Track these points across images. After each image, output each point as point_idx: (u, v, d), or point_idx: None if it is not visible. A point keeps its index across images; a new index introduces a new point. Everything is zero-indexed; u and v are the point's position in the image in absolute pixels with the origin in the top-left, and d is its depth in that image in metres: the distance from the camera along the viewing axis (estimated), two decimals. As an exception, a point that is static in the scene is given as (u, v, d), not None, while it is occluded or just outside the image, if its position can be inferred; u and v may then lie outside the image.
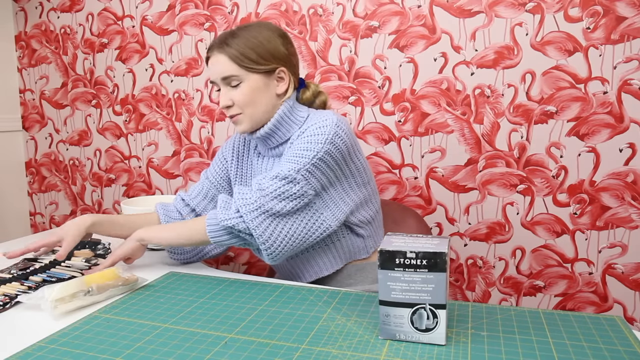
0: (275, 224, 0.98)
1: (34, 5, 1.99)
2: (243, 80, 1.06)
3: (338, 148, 1.03)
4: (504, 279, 1.55)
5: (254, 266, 1.84)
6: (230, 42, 1.06)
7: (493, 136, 1.49)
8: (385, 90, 1.57)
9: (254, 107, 1.08)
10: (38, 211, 2.13)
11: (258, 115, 1.09)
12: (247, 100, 1.07)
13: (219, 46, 1.07)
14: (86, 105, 1.97)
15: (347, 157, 1.07)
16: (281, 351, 0.70)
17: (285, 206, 0.99)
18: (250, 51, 1.05)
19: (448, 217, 1.57)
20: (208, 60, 1.10)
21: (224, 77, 1.07)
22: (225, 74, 1.06)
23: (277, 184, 0.99)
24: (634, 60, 1.35)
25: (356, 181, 1.11)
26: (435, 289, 0.70)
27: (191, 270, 1.10)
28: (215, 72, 1.08)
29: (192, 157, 1.84)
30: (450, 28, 1.49)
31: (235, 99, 1.07)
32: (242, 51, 1.05)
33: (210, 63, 1.09)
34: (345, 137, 1.04)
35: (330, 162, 1.02)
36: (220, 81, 1.08)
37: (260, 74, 1.07)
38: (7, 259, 1.17)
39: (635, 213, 1.40)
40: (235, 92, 1.07)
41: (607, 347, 0.70)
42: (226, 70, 1.06)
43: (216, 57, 1.07)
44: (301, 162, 1.00)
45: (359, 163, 1.11)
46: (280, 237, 0.99)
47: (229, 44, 1.06)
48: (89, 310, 0.86)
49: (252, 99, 1.07)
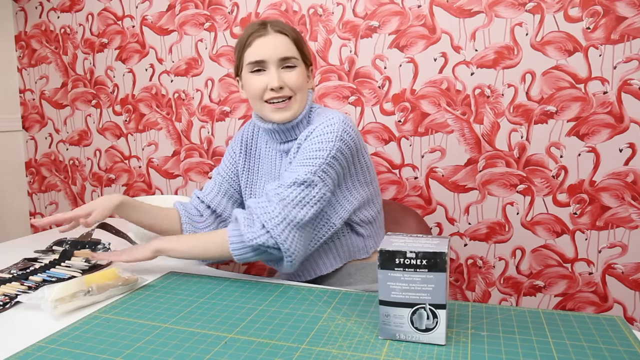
0: (300, 234, 0.97)
1: (34, 5, 1.99)
2: (297, 65, 1.07)
3: (347, 144, 1.04)
4: (504, 279, 1.55)
5: (254, 266, 1.84)
6: (283, 27, 1.07)
7: (493, 136, 1.49)
8: (385, 90, 1.57)
9: (302, 94, 1.08)
10: (38, 211, 2.13)
11: (303, 102, 1.09)
12: (300, 85, 1.06)
13: (277, 26, 1.06)
14: (86, 105, 1.97)
15: (354, 154, 1.07)
16: (281, 351, 0.70)
17: (307, 212, 0.97)
18: (302, 41, 1.10)
19: (448, 217, 1.57)
20: (254, 40, 1.05)
21: (284, 57, 1.05)
22: (287, 54, 1.05)
23: (297, 191, 0.98)
24: (634, 60, 1.35)
25: (359, 180, 1.11)
26: (435, 289, 0.70)
27: (191, 270, 1.10)
28: (274, 50, 1.04)
29: (192, 157, 1.84)
30: (450, 28, 1.49)
31: (288, 82, 1.05)
32: (299, 38, 1.08)
33: (264, 42, 1.04)
34: (353, 133, 1.05)
35: (341, 159, 1.03)
36: (275, 61, 1.04)
37: (305, 65, 1.10)
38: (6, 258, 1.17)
39: (635, 213, 1.40)
40: (289, 74, 1.06)
41: (607, 347, 0.70)
42: (288, 51, 1.05)
43: (275, 37, 1.05)
44: (316, 163, 1.00)
45: (364, 161, 1.12)
46: (300, 245, 0.98)
47: (284, 28, 1.07)
48: (89, 310, 0.86)
49: (302, 84, 1.08)
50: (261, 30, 1.05)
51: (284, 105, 1.06)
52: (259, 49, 1.05)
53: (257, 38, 1.05)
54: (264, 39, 1.05)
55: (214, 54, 1.75)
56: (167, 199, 1.47)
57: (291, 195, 0.97)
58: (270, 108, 1.07)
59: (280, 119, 1.07)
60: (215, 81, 1.76)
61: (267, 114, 1.08)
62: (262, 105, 1.08)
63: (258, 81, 1.06)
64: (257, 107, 1.10)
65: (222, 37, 1.73)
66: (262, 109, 1.09)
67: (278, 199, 0.97)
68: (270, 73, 1.05)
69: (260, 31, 1.05)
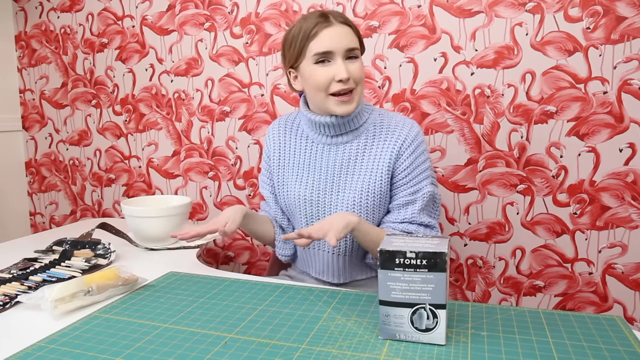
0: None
1: (34, 5, 1.99)
2: (359, 56, 1.07)
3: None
4: (504, 279, 1.55)
5: (254, 266, 1.84)
6: (347, 18, 1.07)
7: (493, 136, 1.49)
8: (385, 90, 1.57)
9: (362, 85, 1.08)
10: (38, 211, 2.13)
11: (362, 93, 1.10)
12: (362, 76, 1.07)
13: (340, 18, 1.06)
14: (86, 105, 1.97)
15: None
16: (281, 351, 0.70)
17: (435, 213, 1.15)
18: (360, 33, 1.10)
19: (448, 217, 1.57)
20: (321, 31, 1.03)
21: (351, 47, 1.04)
22: (353, 46, 1.05)
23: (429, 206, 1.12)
24: (634, 60, 1.35)
25: None
26: (435, 289, 0.70)
27: (191, 270, 1.10)
28: (341, 41, 1.03)
29: (192, 157, 1.84)
30: (450, 28, 1.49)
31: (353, 73, 1.04)
32: (358, 30, 1.09)
33: (330, 32, 1.03)
34: None
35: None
36: (342, 52, 1.03)
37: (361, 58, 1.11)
38: (6, 258, 1.17)
39: (635, 213, 1.40)
40: (354, 66, 1.05)
41: (607, 347, 0.70)
42: (353, 41, 1.05)
43: (342, 28, 1.04)
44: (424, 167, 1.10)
45: None
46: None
47: (348, 19, 1.07)
48: (89, 310, 0.86)
49: (363, 75, 1.08)
50: (325, 21, 1.03)
51: (348, 98, 1.05)
52: (326, 39, 1.03)
53: (323, 28, 1.03)
54: (331, 29, 1.03)
55: (214, 54, 1.75)
56: (167, 199, 1.47)
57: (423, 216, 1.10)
58: (335, 101, 1.05)
59: (345, 111, 1.05)
60: (215, 81, 1.76)
61: (330, 106, 1.06)
62: (326, 98, 1.05)
63: (324, 72, 1.03)
64: (319, 99, 1.06)
65: (222, 37, 1.73)
66: (325, 102, 1.06)
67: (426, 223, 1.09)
68: (336, 64, 1.03)
69: (325, 22, 1.03)
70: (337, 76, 1.02)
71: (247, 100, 1.73)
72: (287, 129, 1.20)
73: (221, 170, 1.80)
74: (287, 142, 1.19)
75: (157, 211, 1.29)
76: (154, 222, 1.28)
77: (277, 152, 1.20)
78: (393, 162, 1.07)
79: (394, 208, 1.09)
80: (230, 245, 1.85)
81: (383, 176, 1.07)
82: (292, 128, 1.19)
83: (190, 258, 1.22)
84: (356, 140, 1.10)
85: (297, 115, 1.21)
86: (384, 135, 1.09)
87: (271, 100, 1.70)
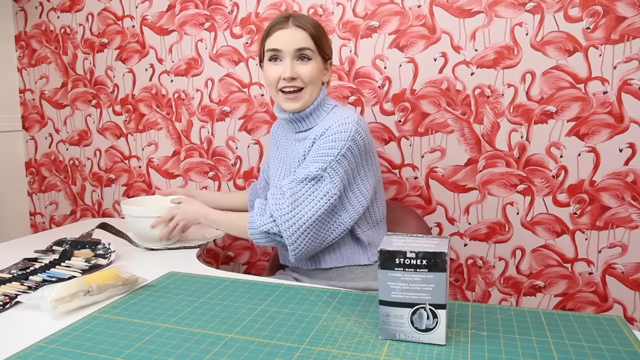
0: (307, 229, 1.05)
1: (34, 5, 1.99)
2: (312, 58, 1.12)
3: (358, 145, 1.09)
4: (504, 279, 1.55)
5: (254, 266, 1.84)
6: (304, 20, 1.11)
7: (493, 136, 1.49)
8: (385, 90, 1.57)
9: (313, 86, 1.14)
10: (38, 211, 2.13)
11: (313, 95, 1.15)
12: (312, 78, 1.12)
13: (297, 22, 1.11)
14: (86, 105, 1.97)
15: (364, 155, 1.12)
16: (281, 351, 0.70)
17: (317, 210, 1.05)
18: (322, 36, 1.14)
19: (448, 217, 1.57)
20: (277, 31, 1.12)
21: (300, 47, 1.11)
22: (301, 45, 1.11)
23: (307, 186, 1.06)
24: (634, 60, 1.35)
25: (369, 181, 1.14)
26: (435, 289, 0.70)
27: (191, 270, 1.10)
28: (290, 42, 1.11)
29: (192, 157, 1.84)
30: (450, 28, 1.49)
31: (302, 74, 1.12)
32: (318, 33, 1.13)
33: (283, 33, 1.12)
34: (364, 134, 1.10)
35: (350, 158, 1.08)
36: (291, 52, 1.11)
37: (321, 59, 1.15)
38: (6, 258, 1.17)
39: (635, 213, 1.40)
40: (303, 67, 1.12)
41: (607, 347, 0.70)
42: (304, 42, 1.11)
43: (292, 30, 1.11)
44: (326, 160, 1.06)
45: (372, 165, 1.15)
46: (306, 241, 1.06)
47: (305, 22, 1.11)
48: (89, 310, 0.86)
49: (315, 77, 1.13)
50: (283, 23, 1.12)
51: (294, 96, 1.13)
52: (277, 39, 1.12)
53: (277, 30, 1.12)
54: (283, 31, 1.12)
55: (214, 54, 1.75)
56: (167, 199, 1.47)
57: (302, 190, 1.06)
58: (282, 97, 1.15)
59: (290, 108, 1.15)
60: (215, 81, 1.76)
61: (280, 102, 1.16)
62: (277, 93, 1.16)
63: (274, 69, 1.13)
64: (273, 94, 1.17)
65: (222, 37, 1.73)
66: (276, 97, 1.17)
67: (290, 193, 1.06)
68: (284, 63, 1.12)
69: (281, 24, 1.12)
70: (282, 74, 1.11)
71: (247, 100, 1.73)
72: (281, 126, 1.33)
73: (221, 171, 1.80)
74: (278, 137, 1.32)
75: (157, 211, 1.29)
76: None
77: (278, 150, 1.30)
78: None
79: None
80: (230, 245, 1.85)
81: None
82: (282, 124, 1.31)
83: (190, 258, 1.22)
84: (310, 137, 1.16)
85: None
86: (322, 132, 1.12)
87: (271, 100, 1.70)
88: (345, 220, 1.11)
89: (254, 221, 1.10)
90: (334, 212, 1.09)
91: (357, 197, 1.12)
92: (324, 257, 1.17)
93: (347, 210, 1.11)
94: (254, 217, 1.11)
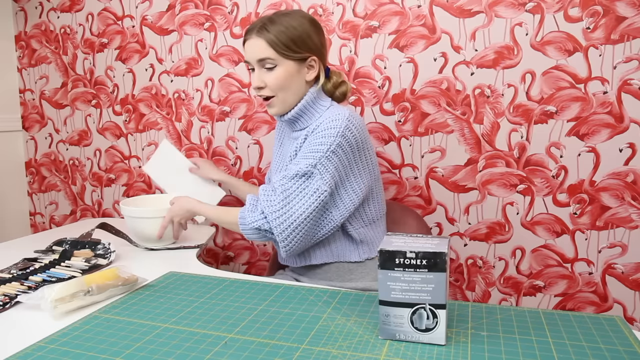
0: (297, 226, 1.06)
1: (34, 5, 1.99)
2: (278, 64, 1.12)
3: (349, 141, 1.08)
4: (504, 279, 1.55)
5: (254, 266, 1.84)
6: (269, 27, 1.11)
7: (493, 136, 1.49)
8: (385, 90, 1.57)
9: (285, 92, 1.14)
10: (38, 211, 2.13)
11: (289, 99, 1.16)
12: (279, 84, 1.13)
13: (259, 30, 1.12)
14: (86, 105, 1.97)
15: (356, 152, 1.11)
16: (281, 351, 0.70)
17: (307, 207, 1.06)
18: (287, 39, 1.11)
19: (448, 217, 1.57)
20: (245, 43, 1.15)
21: (259, 59, 1.12)
22: (261, 56, 1.12)
23: (297, 183, 1.07)
24: (634, 60, 1.35)
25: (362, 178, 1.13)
26: (435, 289, 0.70)
27: (191, 270, 1.10)
28: (252, 53, 1.13)
29: (192, 157, 1.84)
30: (450, 28, 1.49)
31: (268, 82, 1.13)
32: (280, 38, 1.11)
33: (248, 45, 1.15)
34: (356, 131, 1.10)
35: (341, 155, 1.08)
36: (255, 63, 1.14)
37: (294, 61, 1.13)
38: (6, 258, 1.17)
39: (635, 213, 1.40)
40: (269, 75, 1.13)
41: (607, 347, 0.70)
42: (263, 53, 1.11)
43: (254, 41, 1.12)
44: (316, 156, 1.07)
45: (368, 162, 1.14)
46: (297, 237, 1.07)
47: (268, 30, 1.11)
48: (89, 310, 0.86)
49: (284, 83, 1.13)
50: (249, 34, 1.14)
51: (267, 103, 1.17)
52: (245, 51, 1.16)
53: (245, 42, 1.16)
54: (248, 42, 1.15)
55: (214, 54, 1.75)
56: (167, 199, 1.47)
57: (292, 187, 1.07)
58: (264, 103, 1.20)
59: (272, 113, 1.19)
60: (215, 81, 1.76)
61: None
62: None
63: (252, 79, 1.17)
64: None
65: (222, 37, 1.73)
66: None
67: (281, 190, 1.07)
68: (254, 74, 1.16)
69: (248, 34, 1.14)
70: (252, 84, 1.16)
71: (247, 100, 1.73)
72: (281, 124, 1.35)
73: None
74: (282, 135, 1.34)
75: (157, 211, 1.29)
76: (153, 222, 1.28)
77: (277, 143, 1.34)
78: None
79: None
80: (230, 245, 1.85)
81: None
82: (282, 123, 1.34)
83: (190, 258, 1.22)
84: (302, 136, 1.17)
85: None
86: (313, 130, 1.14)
87: (271, 100, 1.70)
88: (335, 216, 1.11)
89: (245, 217, 1.11)
90: (324, 208, 1.10)
91: (348, 194, 1.12)
92: (314, 253, 1.18)
93: (338, 206, 1.11)
94: (245, 213, 1.12)
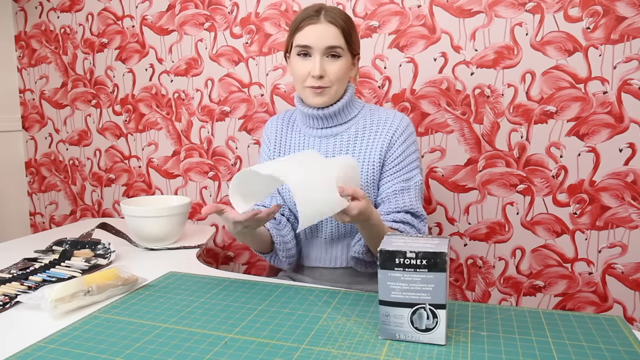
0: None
1: (33, 5, 1.99)
2: (342, 55, 1.09)
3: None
4: (504, 279, 1.55)
5: (254, 266, 1.84)
6: (338, 16, 1.08)
7: (493, 136, 1.49)
8: (385, 90, 1.57)
9: (340, 84, 1.11)
10: (38, 211, 2.13)
11: (340, 92, 1.13)
12: (340, 76, 1.10)
13: (329, 16, 1.08)
14: (86, 105, 1.97)
15: None
16: (281, 351, 0.70)
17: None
18: (353, 32, 1.11)
19: (448, 217, 1.57)
20: (306, 26, 1.08)
21: (330, 46, 1.07)
22: (332, 44, 1.07)
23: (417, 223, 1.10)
24: (634, 60, 1.35)
25: None
26: (435, 289, 0.70)
27: (191, 270, 1.10)
28: (321, 39, 1.07)
29: (192, 157, 1.84)
30: (450, 28, 1.49)
31: (330, 72, 1.09)
32: (350, 29, 1.10)
33: (314, 29, 1.07)
34: None
35: None
36: (321, 49, 1.07)
37: (351, 55, 1.12)
38: (6, 258, 1.17)
39: (635, 213, 1.40)
40: (332, 65, 1.09)
41: (607, 347, 0.70)
42: (335, 40, 1.07)
43: (326, 26, 1.07)
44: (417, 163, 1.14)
45: None
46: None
47: (339, 18, 1.08)
48: (89, 310, 0.86)
49: (343, 75, 1.11)
50: (314, 18, 1.08)
51: (320, 91, 1.10)
52: (308, 34, 1.08)
53: (308, 24, 1.08)
54: (315, 26, 1.07)
55: (213, 54, 1.75)
56: (167, 199, 1.47)
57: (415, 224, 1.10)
58: (310, 92, 1.11)
59: (317, 102, 1.11)
60: (215, 81, 1.76)
61: (306, 97, 1.12)
62: (303, 89, 1.12)
63: (303, 65, 1.09)
64: (299, 89, 1.13)
65: (222, 37, 1.73)
66: (303, 91, 1.12)
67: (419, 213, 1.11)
68: (314, 60, 1.08)
69: (313, 18, 1.08)
70: (312, 71, 1.08)
71: (247, 100, 1.73)
72: (284, 125, 1.24)
73: (221, 170, 1.80)
74: (283, 138, 1.23)
75: (157, 211, 1.29)
76: (153, 222, 1.28)
77: (276, 148, 1.23)
78: (385, 152, 1.11)
79: (388, 197, 1.10)
80: (230, 245, 1.85)
81: (375, 166, 1.11)
82: (289, 124, 1.23)
83: (190, 258, 1.22)
84: (346, 132, 1.15)
85: (294, 112, 1.25)
86: (374, 127, 1.13)
87: (271, 100, 1.70)
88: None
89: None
90: None
91: None
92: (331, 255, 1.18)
93: None
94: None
